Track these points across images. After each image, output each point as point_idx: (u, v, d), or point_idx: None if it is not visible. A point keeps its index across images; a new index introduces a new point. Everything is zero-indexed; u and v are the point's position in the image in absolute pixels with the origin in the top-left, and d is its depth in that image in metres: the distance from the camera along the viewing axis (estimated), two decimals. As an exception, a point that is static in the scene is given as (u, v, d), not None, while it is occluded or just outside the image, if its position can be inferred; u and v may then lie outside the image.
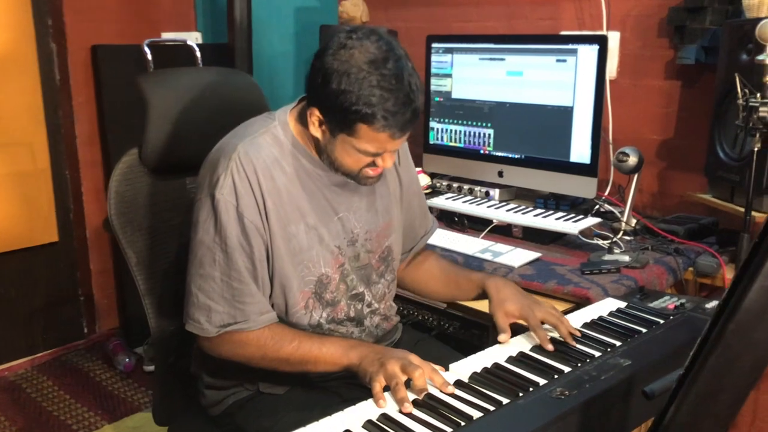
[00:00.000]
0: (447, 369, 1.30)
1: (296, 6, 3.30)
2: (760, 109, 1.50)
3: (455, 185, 2.52)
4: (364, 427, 1.13)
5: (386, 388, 1.22)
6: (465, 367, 1.32)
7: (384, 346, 1.38)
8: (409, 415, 1.15)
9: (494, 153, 2.41)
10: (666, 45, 2.36)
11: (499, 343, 1.43)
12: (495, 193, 2.41)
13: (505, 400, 1.18)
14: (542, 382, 1.25)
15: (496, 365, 1.33)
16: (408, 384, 1.21)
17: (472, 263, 1.96)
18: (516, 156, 2.35)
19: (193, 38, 3.34)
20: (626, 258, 1.94)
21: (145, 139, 1.50)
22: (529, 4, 2.68)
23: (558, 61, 2.20)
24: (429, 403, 1.18)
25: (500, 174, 2.39)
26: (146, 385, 2.91)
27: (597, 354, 1.35)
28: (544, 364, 1.33)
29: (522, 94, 2.29)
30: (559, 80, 2.19)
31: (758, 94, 1.52)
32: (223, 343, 1.35)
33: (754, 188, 1.66)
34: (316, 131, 1.34)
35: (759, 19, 1.74)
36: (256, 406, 1.44)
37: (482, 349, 2.04)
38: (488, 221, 2.23)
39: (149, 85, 1.52)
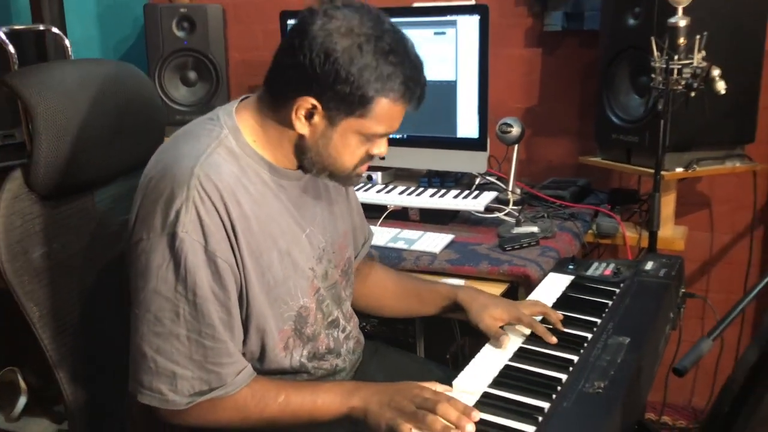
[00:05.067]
0: (450, 386, 1.17)
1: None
2: (684, 70, 1.54)
3: (330, 172, 2.34)
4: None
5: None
6: (474, 378, 1.21)
7: (384, 384, 1.16)
8: None
9: (371, 134, 2.27)
10: (524, 13, 2.38)
11: (497, 347, 1.32)
12: (377, 176, 2.28)
13: (544, 405, 1.10)
14: (563, 377, 1.18)
15: (508, 367, 1.23)
16: None
17: (389, 255, 1.82)
18: (396, 136, 2.24)
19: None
20: (535, 229, 1.93)
21: (33, 156, 1.15)
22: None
23: (436, 33, 2.11)
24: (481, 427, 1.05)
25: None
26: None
27: (588, 335, 1.33)
28: (550, 356, 1.28)
29: (399, 71, 2.16)
30: (440, 54, 2.11)
31: (675, 56, 1.55)
32: (192, 412, 1.10)
33: (663, 147, 1.71)
34: (302, 127, 1.13)
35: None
36: None
37: (413, 346, 1.95)
38: (381, 207, 2.10)
39: (28, 87, 1.16)
